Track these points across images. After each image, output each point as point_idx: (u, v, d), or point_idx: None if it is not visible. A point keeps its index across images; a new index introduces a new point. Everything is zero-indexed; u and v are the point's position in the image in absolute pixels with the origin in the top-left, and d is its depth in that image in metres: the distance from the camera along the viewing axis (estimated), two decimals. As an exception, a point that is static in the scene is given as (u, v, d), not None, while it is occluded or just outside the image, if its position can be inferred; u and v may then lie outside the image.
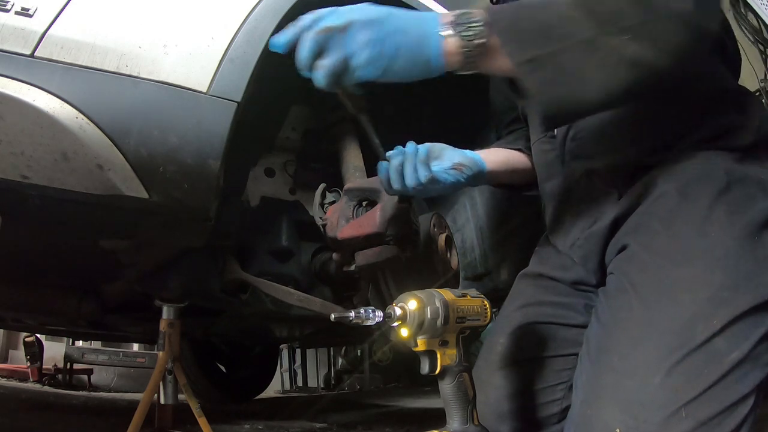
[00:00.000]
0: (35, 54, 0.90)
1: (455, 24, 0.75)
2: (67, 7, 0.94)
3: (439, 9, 1.40)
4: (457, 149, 1.06)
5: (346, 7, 0.78)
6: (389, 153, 0.99)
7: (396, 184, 0.98)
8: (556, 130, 1.06)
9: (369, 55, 0.75)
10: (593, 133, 0.99)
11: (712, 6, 0.79)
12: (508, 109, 1.29)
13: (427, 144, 1.02)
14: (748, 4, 3.32)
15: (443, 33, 0.75)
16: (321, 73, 0.77)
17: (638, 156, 0.94)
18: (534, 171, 1.15)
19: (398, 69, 0.76)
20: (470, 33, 0.74)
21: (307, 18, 0.77)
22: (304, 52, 0.77)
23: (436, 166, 0.99)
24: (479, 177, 1.08)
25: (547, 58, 0.72)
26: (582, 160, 1.01)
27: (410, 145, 0.99)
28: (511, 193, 1.27)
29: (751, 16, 3.39)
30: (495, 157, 1.16)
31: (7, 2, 0.91)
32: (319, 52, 0.76)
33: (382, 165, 1.00)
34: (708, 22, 0.78)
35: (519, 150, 1.21)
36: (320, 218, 1.26)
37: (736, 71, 1.05)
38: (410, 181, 0.97)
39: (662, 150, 0.93)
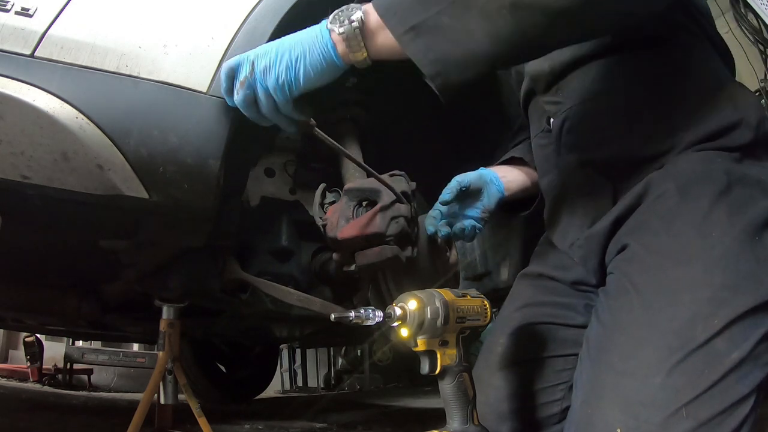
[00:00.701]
0: (35, 54, 0.90)
1: (336, 19, 0.79)
2: (67, 7, 0.94)
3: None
4: (488, 184, 1.13)
5: (246, 53, 0.86)
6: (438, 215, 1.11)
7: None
8: (551, 123, 1.06)
9: (273, 79, 0.82)
10: (588, 125, 1.00)
11: None
12: (518, 116, 1.32)
13: (470, 178, 1.11)
14: (748, 4, 3.31)
15: (328, 27, 0.80)
16: (272, 118, 0.87)
17: (632, 146, 0.95)
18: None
19: (304, 78, 0.82)
20: (348, 20, 0.78)
21: (223, 80, 0.87)
22: (246, 112, 0.87)
23: (470, 216, 1.12)
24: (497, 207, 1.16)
25: (427, 22, 0.73)
26: (577, 152, 1.02)
27: (456, 227, 1.11)
28: (509, 214, 1.30)
29: (751, 16, 3.39)
30: (514, 181, 1.20)
31: (7, 2, 0.91)
32: (253, 102, 0.86)
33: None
34: None
35: (526, 163, 1.23)
36: (320, 218, 1.26)
37: (730, 65, 1.06)
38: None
39: (657, 141, 0.93)
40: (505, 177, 1.18)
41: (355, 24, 0.77)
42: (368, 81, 1.58)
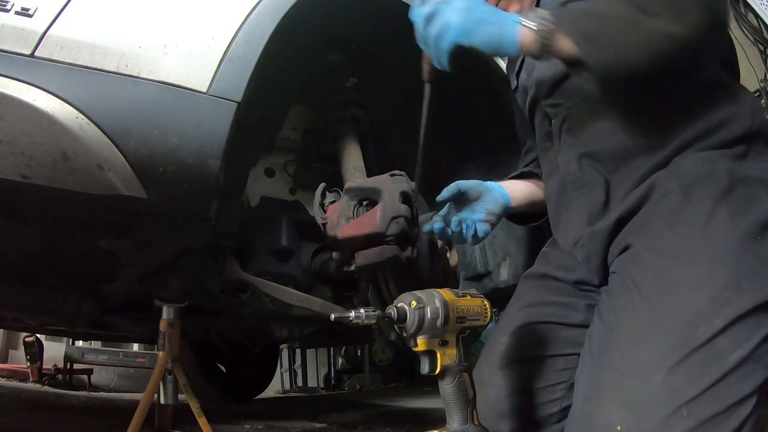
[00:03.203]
0: (35, 54, 0.90)
1: (529, 16, 0.92)
2: (67, 7, 0.94)
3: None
4: (490, 191, 1.17)
5: None
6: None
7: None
8: (552, 124, 1.08)
9: (460, 20, 0.91)
10: (585, 121, 1.02)
11: None
12: (527, 136, 1.36)
13: (467, 186, 1.15)
14: (748, 4, 3.31)
15: (521, 21, 0.91)
16: (429, 36, 0.94)
17: (626, 141, 0.96)
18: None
19: (481, 38, 0.92)
20: (542, 21, 0.90)
21: None
22: (418, 25, 0.95)
23: (471, 217, 1.14)
24: (503, 215, 1.19)
25: (600, 33, 0.89)
26: (574, 148, 1.03)
27: (453, 222, 1.13)
28: (517, 224, 1.33)
29: (751, 16, 3.39)
30: (520, 192, 1.23)
31: (7, 2, 0.90)
32: (428, 20, 0.93)
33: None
34: (720, 3, 0.95)
35: (535, 176, 1.25)
36: (321, 218, 1.26)
37: (734, 66, 1.06)
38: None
39: (652, 135, 0.94)
40: (510, 188, 1.21)
41: (547, 27, 0.90)
42: (368, 81, 1.58)
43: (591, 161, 1.01)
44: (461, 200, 1.15)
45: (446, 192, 1.14)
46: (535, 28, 0.91)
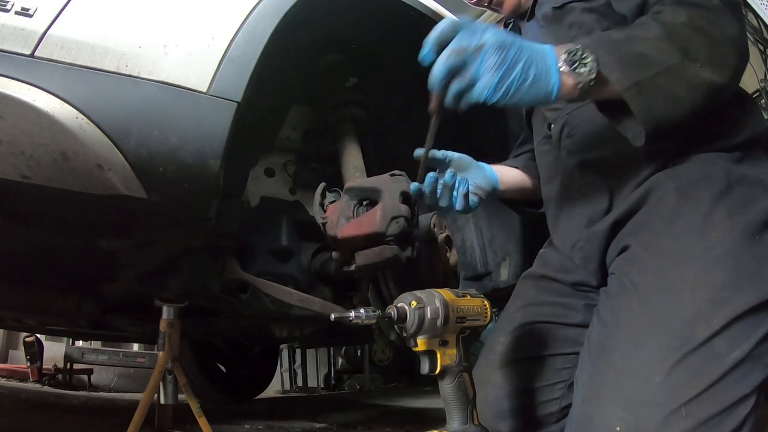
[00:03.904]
0: (35, 54, 0.90)
1: (570, 61, 0.82)
2: (67, 7, 0.94)
3: (439, 9, 1.40)
4: (479, 166, 1.13)
5: (479, 24, 0.81)
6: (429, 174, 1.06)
7: (428, 201, 1.07)
8: (551, 129, 1.07)
9: (496, 80, 0.78)
10: (586, 127, 1.01)
11: (742, 27, 0.93)
12: (520, 130, 1.35)
13: (454, 155, 1.10)
14: (748, 4, 3.31)
15: (561, 68, 0.82)
16: (450, 92, 0.80)
17: (627, 147, 0.95)
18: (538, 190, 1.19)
19: (519, 96, 0.80)
20: (584, 69, 0.82)
21: (445, 31, 0.80)
22: (439, 74, 0.80)
23: (457, 189, 1.07)
24: (491, 196, 1.14)
25: (647, 81, 0.81)
26: (575, 154, 1.03)
27: (448, 174, 1.06)
28: (514, 209, 1.30)
29: (751, 16, 3.39)
30: (510, 177, 1.20)
31: (7, 2, 0.90)
32: (452, 73, 0.79)
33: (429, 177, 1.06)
34: (746, 40, 0.93)
35: (526, 170, 1.23)
36: (321, 217, 1.26)
37: None
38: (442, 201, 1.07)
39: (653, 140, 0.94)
40: (500, 171, 1.18)
41: (591, 76, 0.81)
42: (368, 81, 1.58)
43: (593, 168, 1.01)
44: (446, 169, 1.08)
45: (429, 154, 1.04)
46: (575, 80, 0.81)
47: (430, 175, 1.04)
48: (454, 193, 1.06)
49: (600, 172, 1.00)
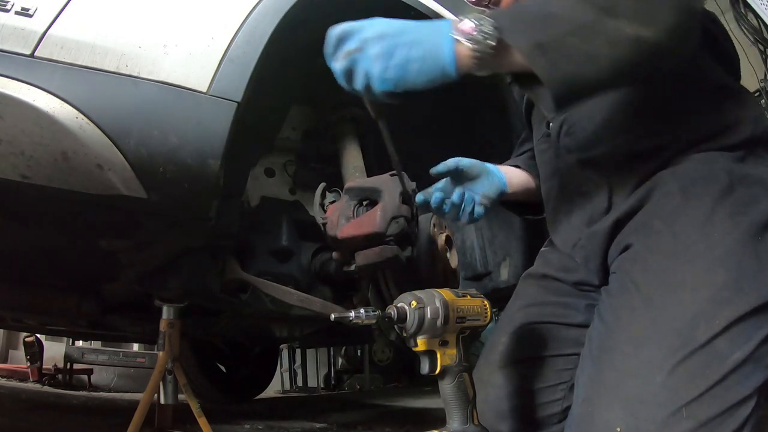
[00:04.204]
0: (35, 54, 0.90)
1: (467, 33, 0.78)
2: (67, 7, 0.94)
3: (439, 9, 1.40)
4: (488, 173, 1.12)
5: (361, 23, 0.83)
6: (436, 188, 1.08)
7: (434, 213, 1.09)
8: (550, 127, 1.07)
9: (380, 69, 0.79)
10: (585, 125, 1.00)
11: None
12: (521, 127, 1.34)
13: (466, 163, 1.08)
14: (748, 4, 3.31)
15: (457, 38, 0.79)
16: (364, 92, 0.83)
17: (627, 145, 0.95)
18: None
19: (412, 79, 0.80)
20: (481, 36, 0.78)
21: (331, 42, 0.84)
22: (340, 81, 0.84)
23: (464, 207, 1.08)
24: (498, 201, 1.14)
25: (554, 42, 0.76)
26: (574, 153, 1.02)
27: (456, 193, 1.07)
28: (515, 213, 1.29)
29: (751, 16, 3.39)
30: (516, 178, 1.19)
31: (7, 2, 0.90)
32: (348, 75, 0.82)
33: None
34: (696, 3, 0.82)
35: (528, 168, 1.23)
36: (321, 218, 1.26)
37: (734, 69, 1.06)
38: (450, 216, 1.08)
39: (652, 139, 0.94)
40: (508, 173, 1.18)
41: (489, 42, 0.77)
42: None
43: (592, 167, 1.00)
44: (457, 178, 1.10)
45: (443, 166, 1.07)
46: (471, 46, 0.77)
47: (437, 195, 1.06)
48: (460, 211, 1.08)
49: (599, 171, 0.99)
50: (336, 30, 0.84)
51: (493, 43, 0.77)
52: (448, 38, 0.79)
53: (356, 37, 0.82)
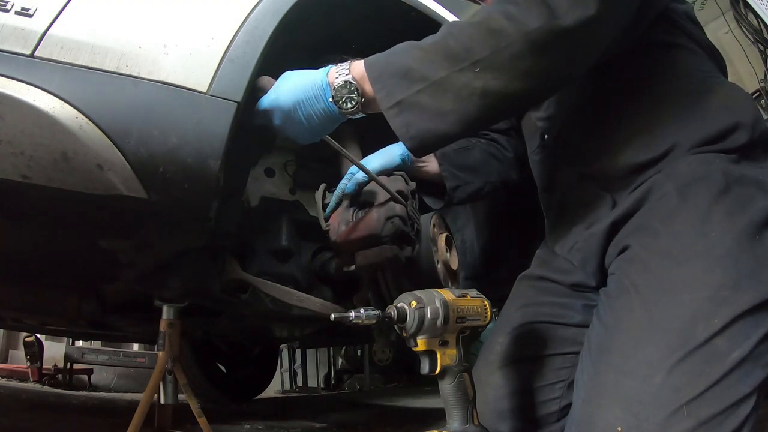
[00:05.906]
0: (35, 54, 0.90)
1: (337, 97, 0.89)
2: (67, 7, 0.93)
3: (438, 9, 1.40)
4: (385, 150, 1.22)
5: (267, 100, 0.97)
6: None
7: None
8: (545, 139, 1.08)
9: (296, 134, 0.93)
10: (583, 137, 1.01)
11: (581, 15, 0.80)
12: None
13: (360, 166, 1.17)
14: (748, 4, 3.31)
15: (330, 84, 0.89)
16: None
17: (628, 158, 0.95)
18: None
19: (319, 132, 0.93)
20: (350, 104, 0.88)
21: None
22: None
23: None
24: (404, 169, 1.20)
25: (409, 99, 0.82)
26: (575, 166, 1.02)
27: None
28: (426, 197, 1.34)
29: (751, 16, 3.39)
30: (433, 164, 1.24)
31: (7, 2, 0.90)
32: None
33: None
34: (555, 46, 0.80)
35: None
36: (325, 225, 1.28)
37: (713, 52, 1.05)
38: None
39: (652, 148, 0.94)
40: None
41: (355, 99, 0.87)
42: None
43: (593, 179, 1.00)
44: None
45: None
46: (346, 110, 0.88)
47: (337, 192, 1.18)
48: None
49: (601, 183, 0.99)
50: (258, 110, 0.99)
51: (358, 99, 0.87)
52: (327, 87, 0.89)
53: (273, 115, 0.97)
